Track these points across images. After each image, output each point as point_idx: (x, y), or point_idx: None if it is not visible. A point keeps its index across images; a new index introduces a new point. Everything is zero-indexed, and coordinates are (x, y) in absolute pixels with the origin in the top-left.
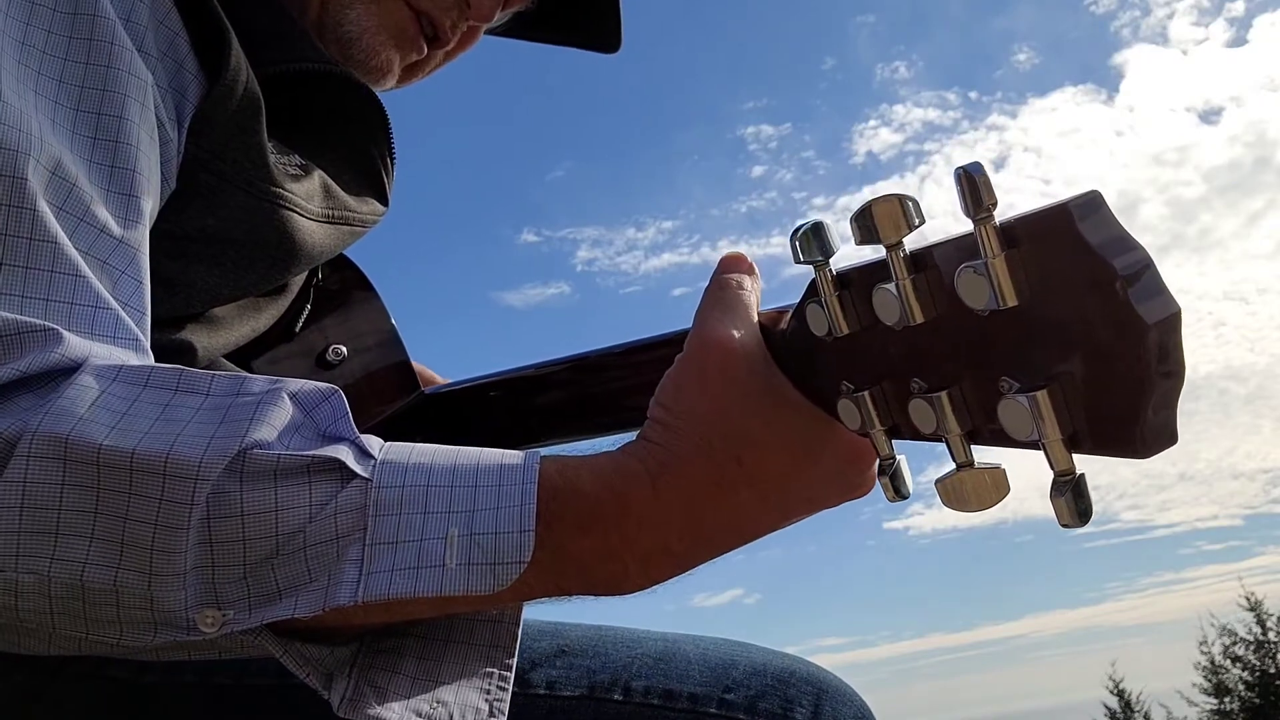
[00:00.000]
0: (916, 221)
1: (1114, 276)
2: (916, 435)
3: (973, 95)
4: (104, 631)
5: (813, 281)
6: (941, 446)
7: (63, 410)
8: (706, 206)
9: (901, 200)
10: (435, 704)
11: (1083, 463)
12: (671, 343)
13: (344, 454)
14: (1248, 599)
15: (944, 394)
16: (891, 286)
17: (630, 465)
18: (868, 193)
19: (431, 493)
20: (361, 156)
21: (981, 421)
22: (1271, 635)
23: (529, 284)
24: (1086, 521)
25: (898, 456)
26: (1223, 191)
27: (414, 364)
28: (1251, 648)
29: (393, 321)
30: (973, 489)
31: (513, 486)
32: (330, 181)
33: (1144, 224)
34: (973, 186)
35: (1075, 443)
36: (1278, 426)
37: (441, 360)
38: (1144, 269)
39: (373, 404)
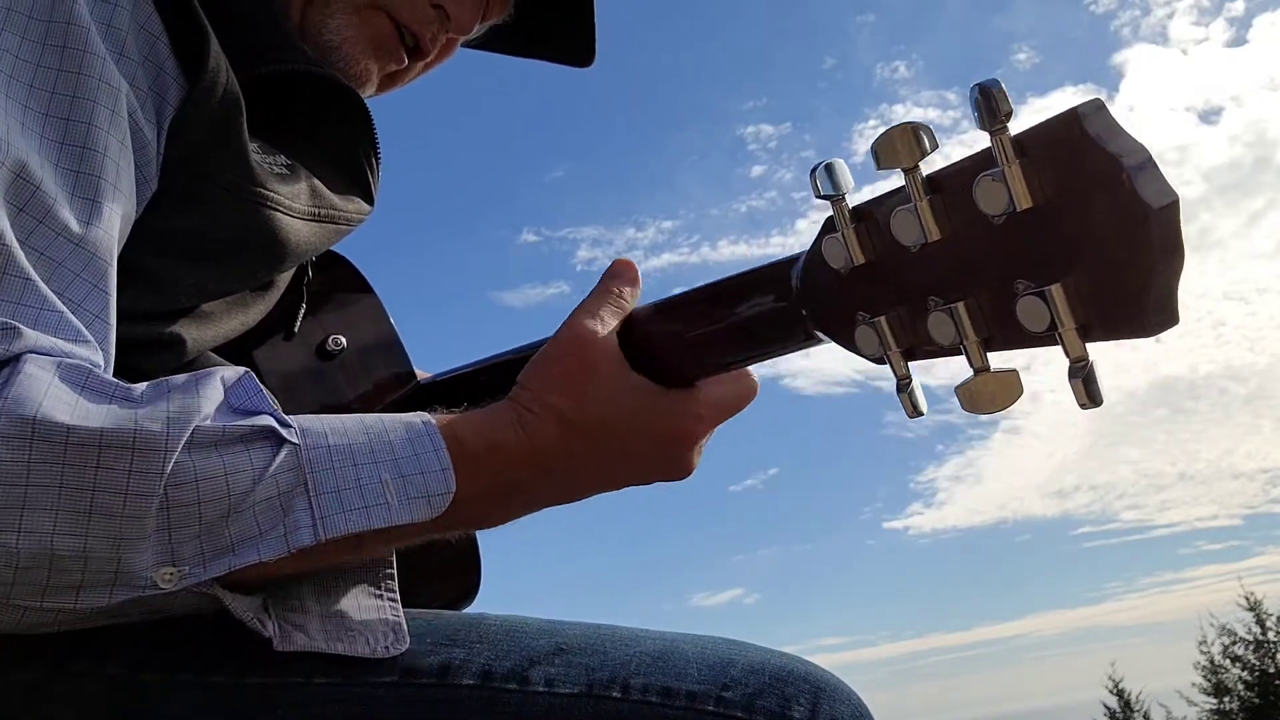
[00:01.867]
0: (929, 147)
1: (1120, 169)
2: (933, 350)
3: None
4: (61, 598)
5: (829, 217)
6: (942, 448)
7: (22, 397)
8: (706, 206)
9: (916, 127)
10: (348, 633)
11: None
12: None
13: (271, 423)
14: (1247, 599)
15: (961, 304)
16: (909, 207)
17: (498, 419)
18: (868, 192)
19: (354, 448)
20: (347, 157)
21: (997, 327)
22: (1271, 635)
23: (529, 284)
24: (1098, 404)
25: (913, 378)
26: (1223, 191)
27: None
28: (1251, 647)
29: (389, 317)
30: (990, 391)
31: (421, 438)
32: (316, 181)
33: None
34: (988, 99)
35: (1087, 331)
36: (1278, 426)
37: (441, 361)
38: (1146, 161)
39: (374, 396)
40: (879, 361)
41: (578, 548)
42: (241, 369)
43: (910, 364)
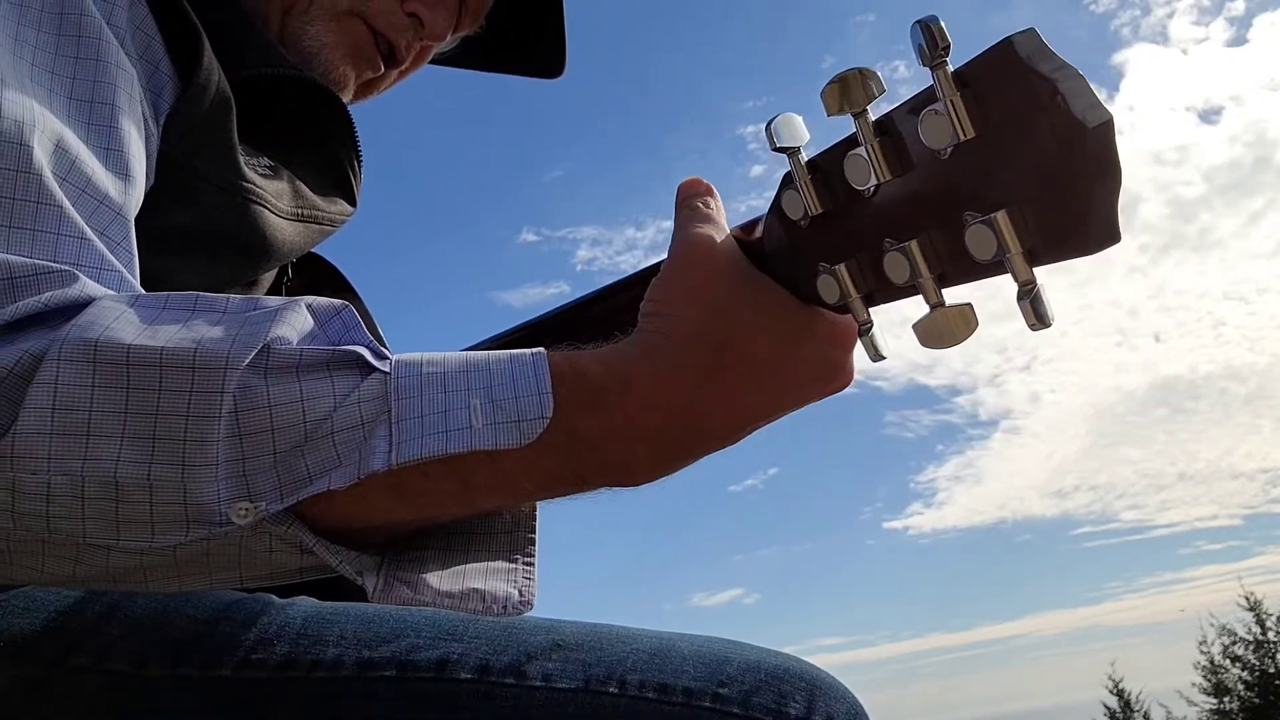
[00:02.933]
0: (877, 91)
1: (1054, 91)
2: (891, 293)
3: None
4: (136, 534)
5: (787, 172)
6: (942, 448)
7: (89, 322)
8: None
9: (863, 72)
10: (466, 589)
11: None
12: (630, 286)
13: (360, 351)
14: (1247, 599)
15: (914, 242)
16: (861, 150)
17: (630, 351)
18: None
19: (448, 377)
20: (329, 159)
21: (949, 261)
22: (1271, 635)
23: (528, 284)
24: (1046, 325)
25: (874, 323)
26: (1223, 191)
27: None
28: (1251, 647)
29: (371, 316)
30: (946, 325)
31: (524, 365)
32: (299, 182)
33: (1144, 223)
34: (929, 34)
35: (1034, 255)
36: (1278, 426)
37: None
38: (1079, 84)
39: None
40: (842, 310)
41: (577, 547)
42: (340, 301)
43: (872, 309)
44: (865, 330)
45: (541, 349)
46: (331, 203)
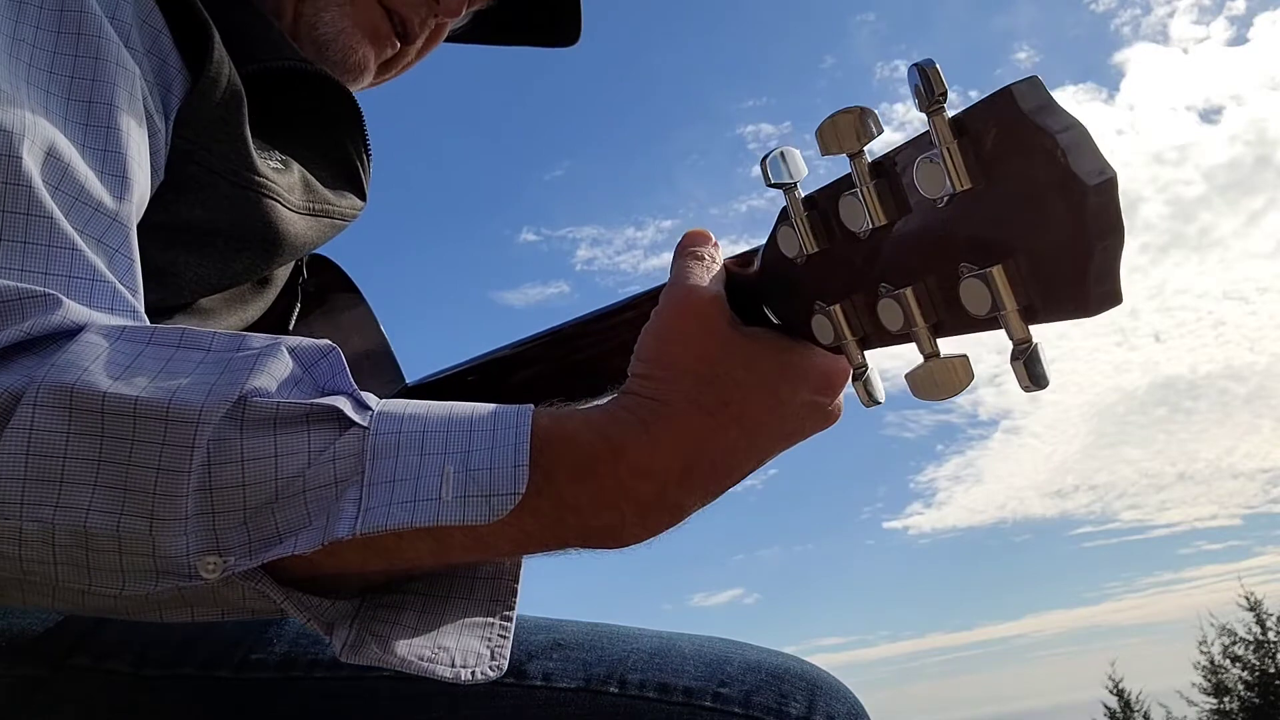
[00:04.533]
0: (875, 131)
1: (1054, 146)
2: (885, 338)
3: (973, 94)
4: (107, 581)
5: (784, 208)
6: (942, 448)
7: (68, 363)
8: (706, 205)
9: (861, 111)
10: (437, 649)
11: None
12: (641, 303)
13: (342, 404)
14: (1247, 599)
15: (909, 289)
16: (855, 193)
17: (622, 415)
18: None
19: (428, 437)
20: (338, 153)
21: (945, 312)
22: (1271, 635)
23: (529, 283)
24: (1041, 386)
25: (869, 366)
26: (1223, 190)
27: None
28: (1251, 647)
29: (376, 318)
30: (940, 376)
31: (506, 430)
32: (309, 176)
33: (1144, 223)
34: (925, 79)
35: (1031, 313)
36: (1278, 426)
37: (440, 361)
38: (1082, 138)
39: None
40: (837, 351)
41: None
42: (327, 342)
43: (867, 352)
44: (860, 374)
45: (529, 407)
46: (342, 197)
